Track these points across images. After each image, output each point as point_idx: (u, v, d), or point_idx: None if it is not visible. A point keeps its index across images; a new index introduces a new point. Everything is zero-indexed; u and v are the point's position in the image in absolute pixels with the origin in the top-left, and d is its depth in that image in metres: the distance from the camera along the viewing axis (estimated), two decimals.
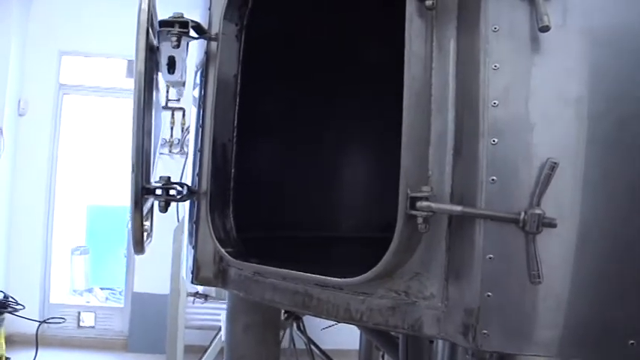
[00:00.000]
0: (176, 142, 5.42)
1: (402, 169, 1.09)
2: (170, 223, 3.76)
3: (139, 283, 5.50)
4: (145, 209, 1.72)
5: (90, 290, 6.88)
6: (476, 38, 1.11)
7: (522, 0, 1.08)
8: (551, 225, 1.01)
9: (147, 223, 1.90)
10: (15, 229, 5.64)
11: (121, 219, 5.81)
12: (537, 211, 1.02)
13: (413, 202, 1.07)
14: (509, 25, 1.09)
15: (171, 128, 5.44)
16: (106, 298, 6.62)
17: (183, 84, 2.21)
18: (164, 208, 1.53)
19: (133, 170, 1.52)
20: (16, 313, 4.38)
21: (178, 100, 5.23)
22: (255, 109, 1.67)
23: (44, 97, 5.81)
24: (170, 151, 5.39)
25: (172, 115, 5.42)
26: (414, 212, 1.07)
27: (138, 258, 5.36)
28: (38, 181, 5.74)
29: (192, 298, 4.42)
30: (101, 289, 6.87)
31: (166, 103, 5.20)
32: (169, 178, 1.53)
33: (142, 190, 1.49)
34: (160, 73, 1.92)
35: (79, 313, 5.78)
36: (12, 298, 4.58)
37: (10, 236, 5.62)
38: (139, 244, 1.53)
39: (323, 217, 1.82)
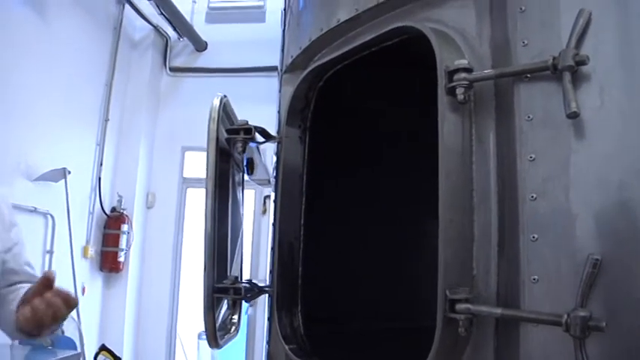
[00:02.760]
0: None
1: (440, 267, 1.06)
2: None
3: None
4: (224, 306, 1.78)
5: None
6: (511, 128, 1.08)
7: (557, 86, 1.04)
8: (598, 329, 0.93)
9: (235, 317, 1.96)
10: (143, 315, 5.96)
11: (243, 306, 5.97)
12: (582, 313, 0.93)
13: (452, 304, 1.04)
14: (542, 112, 1.05)
15: None
16: None
17: (269, 181, 2.30)
18: (232, 307, 1.58)
19: (204, 270, 1.59)
20: None
21: None
22: (324, 203, 1.70)
23: (169, 191, 6.21)
24: None
25: (264, 203, 5.63)
26: (453, 315, 1.03)
27: (258, 340, 5.46)
28: (164, 268, 6.07)
29: None
30: None
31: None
32: (237, 277, 1.58)
33: (212, 289, 1.55)
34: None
35: None
36: None
37: (139, 321, 5.93)
38: (212, 340, 1.57)
39: (401, 305, 1.78)
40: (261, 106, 1.73)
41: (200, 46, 6.31)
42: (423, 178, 1.59)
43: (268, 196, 5.61)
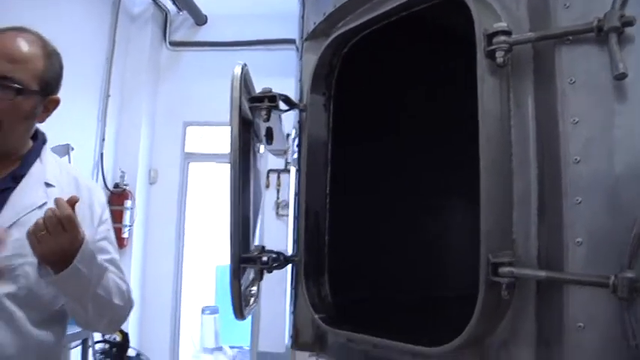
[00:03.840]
0: (283, 204, 5.58)
1: (482, 233, 1.06)
2: None
3: (263, 342, 5.60)
4: (249, 276, 1.78)
5: (220, 349, 7.10)
6: (552, 92, 1.07)
7: (599, 49, 1.03)
8: None
9: (254, 289, 1.96)
10: (147, 291, 5.98)
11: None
12: (630, 275, 0.94)
13: (495, 267, 1.04)
14: (585, 75, 1.04)
15: (277, 191, 5.63)
16: (235, 357, 6.79)
17: (285, 151, 2.29)
18: (259, 276, 1.58)
19: (231, 240, 1.58)
20: None
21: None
22: (349, 172, 1.69)
23: (171, 166, 6.20)
24: (278, 214, 5.56)
25: (278, 177, 5.63)
26: (496, 279, 1.03)
27: (263, 317, 5.49)
28: (168, 244, 6.08)
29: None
30: (230, 347, 7.07)
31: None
32: (263, 247, 1.57)
33: (239, 259, 1.54)
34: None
35: None
36: (144, 355, 4.86)
37: (144, 297, 5.96)
38: (238, 310, 1.57)
39: (427, 275, 1.78)
40: (264, 80, 1.70)
41: (200, 19, 6.25)
42: (449, 150, 1.58)
43: (272, 170, 5.61)
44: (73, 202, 1.38)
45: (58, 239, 1.35)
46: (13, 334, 1.45)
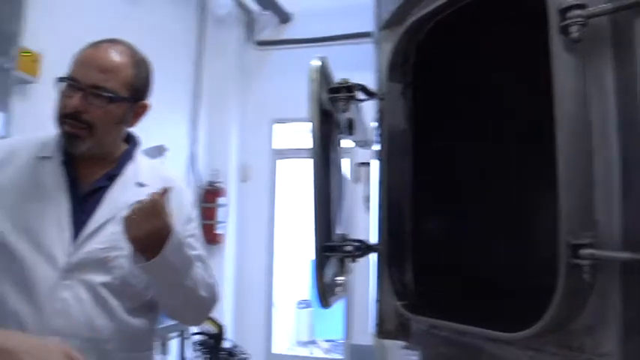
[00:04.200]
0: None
1: (561, 213, 1.03)
2: None
3: (356, 335, 5.64)
4: (334, 266, 1.81)
5: (314, 342, 7.21)
6: (633, 65, 1.03)
7: None
8: None
9: (341, 278, 1.99)
10: (242, 285, 6.16)
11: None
12: None
13: (575, 249, 1.01)
14: None
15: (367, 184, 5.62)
16: (328, 350, 6.87)
17: (367, 142, 2.30)
18: (340, 265, 1.60)
19: (314, 229, 1.62)
20: None
21: None
22: (432, 159, 1.69)
23: (261, 163, 6.35)
24: (368, 207, 5.56)
25: (357, 170, 5.61)
26: (576, 261, 1.01)
27: (355, 310, 5.52)
28: (260, 239, 6.24)
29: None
30: (324, 340, 7.15)
31: None
32: (345, 235, 1.60)
33: (322, 249, 1.57)
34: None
35: None
36: (239, 347, 5.02)
37: (238, 290, 6.14)
38: (323, 299, 1.61)
39: (515, 262, 1.74)
40: (351, 74, 1.72)
41: (284, 17, 6.36)
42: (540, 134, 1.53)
43: (363, 164, 5.62)
44: (164, 192, 1.48)
45: (148, 225, 1.46)
46: (108, 319, 1.58)
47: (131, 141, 1.83)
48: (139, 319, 1.67)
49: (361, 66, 2.84)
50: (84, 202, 1.64)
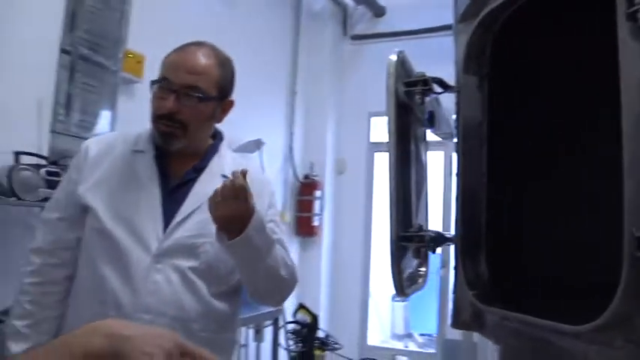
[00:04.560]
0: None
1: (625, 204, 1.02)
2: None
3: (450, 329, 5.60)
4: (413, 256, 1.85)
5: (410, 335, 7.19)
6: None
7: None
8: None
9: (423, 269, 2.02)
10: (337, 276, 6.25)
11: (435, 265, 6.02)
12: None
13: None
14: None
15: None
16: (423, 344, 6.84)
17: (451, 135, 2.31)
18: (416, 255, 1.63)
19: (390, 219, 1.66)
20: (335, 352, 4.89)
21: None
22: (507, 150, 1.68)
23: (358, 156, 6.40)
24: None
25: (452, 163, 5.56)
26: None
27: (450, 304, 5.48)
28: (356, 231, 6.30)
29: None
30: (420, 334, 7.12)
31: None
32: (421, 226, 1.63)
33: (398, 239, 1.61)
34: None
35: (394, 356, 6.10)
36: (332, 337, 5.11)
37: (334, 281, 6.23)
38: (399, 289, 1.65)
39: (583, 256, 1.71)
40: (446, 66, 1.75)
41: (378, 11, 6.36)
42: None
43: None
44: (244, 173, 1.57)
45: (232, 205, 1.55)
46: (195, 301, 1.70)
47: (216, 136, 1.94)
48: (223, 303, 1.78)
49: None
50: (174, 192, 1.77)
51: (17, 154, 2.87)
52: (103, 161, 1.79)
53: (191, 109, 1.72)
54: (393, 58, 1.67)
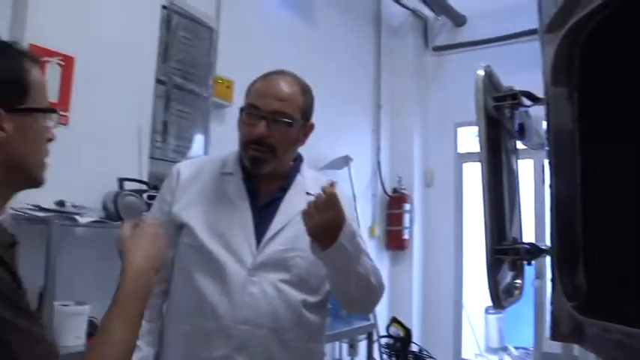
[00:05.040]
0: None
1: None
2: None
3: (547, 342, 5.44)
4: (508, 268, 1.85)
5: (505, 349, 7.02)
6: None
7: None
8: None
9: (518, 281, 2.02)
10: (429, 289, 6.22)
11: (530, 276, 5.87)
12: None
13: None
14: None
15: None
16: (519, 358, 6.67)
17: (542, 145, 2.29)
18: (511, 267, 1.64)
19: (485, 233, 1.67)
20: None
21: None
22: (602, 160, 1.66)
23: (445, 168, 6.36)
24: None
25: (543, 172, 5.38)
26: None
27: (547, 316, 5.32)
28: (447, 244, 6.25)
29: None
30: (516, 348, 6.96)
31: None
32: (516, 238, 1.63)
33: (493, 252, 1.62)
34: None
35: None
36: (426, 351, 5.07)
37: (426, 294, 6.20)
38: (495, 300, 1.65)
39: None
40: (529, 72, 1.75)
41: (459, 21, 6.34)
42: None
43: None
44: (333, 184, 1.67)
45: (324, 215, 1.64)
46: (289, 312, 1.81)
47: (297, 157, 2.06)
48: (313, 314, 1.88)
49: (539, 63, 2.80)
50: (262, 211, 1.88)
51: (121, 180, 3.07)
52: (194, 183, 1.94)
53: (280, 134, 1.84)
54: (480, 72, 1.69)
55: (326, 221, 1.65)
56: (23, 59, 1.13)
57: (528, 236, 2.11)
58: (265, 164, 1.86)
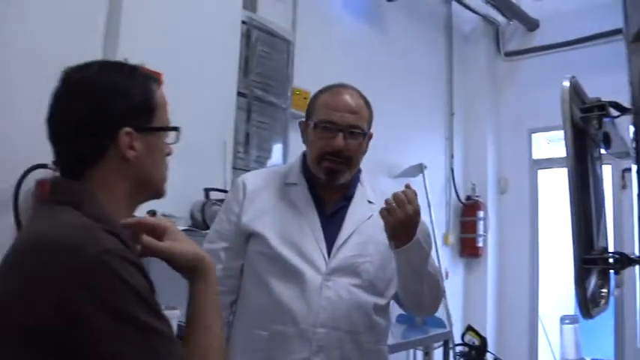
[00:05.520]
0: None
1: None
2: None
3: (628, 356, 5.28)
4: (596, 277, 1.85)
5: None
6: None
7: None
8: None
9: (604, 290, 2.01)
10: (504, 297, 6.14)
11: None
12: None
13: None
14: None
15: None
16: None
17: (627, 153, 2.28)
18: (600, 276, 1.64)
19: (573, 243, 1.68)
20: None
21: None
22: None
23: (520, 174, 6.27)
24: None
25: (622, 177, 5.23)
26: None
27: (627, 328, 5.17)
28: (522, 251, 6.15)
29: None
30: (592, 359, 6.74)
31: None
32: (605, 248, 1.63)
33: (582, 262, 1.63)
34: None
35: None
36: None
37: (500, 303, 6.13)
38: (584, 309, 1.66)
39: None
40: (605, 74, 1.76)
41: (531, 25, 6.26)
42: None
43: (627, 169, 5.26)
44: (409, 185, 1.78)
45: (404, 210, 1.72)
46: (362, 315, 1.90)
47: None
48: (381, 317, 1.96)
49: (613, 65, 2.76)
50: (329, 219, 1.96)
51: (207, 190, 3.20)
52: (260, 194, 2.02)
53: (355, 145, 1.94)
54: (566, 84, 1.70)
55: (406, 217, 1.72)
56: (149, 81, 1.23)
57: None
58: (341, 175, 1.95)
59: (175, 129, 1.28)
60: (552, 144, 6.34)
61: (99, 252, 0.98)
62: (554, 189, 6.52)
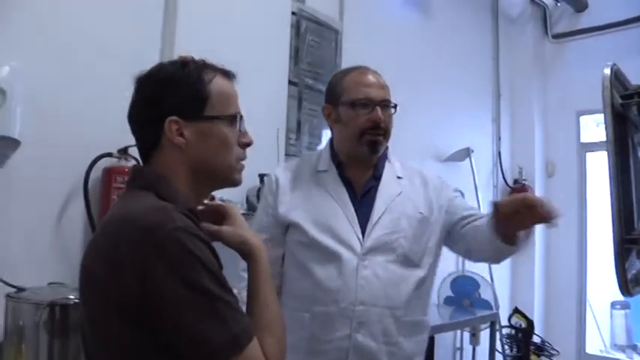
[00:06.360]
0: None
1: None
2: None
3: None
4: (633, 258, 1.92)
5: (634, 347, 6.73)
6: None
7: None
8: None
9: None
10: (551, 281, 6.14)
11: None
12: None
13: None
14: None
15: None
16: None
17: None
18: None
19: (612, 224, 1.77)
20: (552, 359, 4.92)
21: None
22: None
23: (568, 157, 6.24)
24: None
25: None
26: None
27: None
28: (570, 235, 6.12)
29: None
30: None
31: None
32: None
33: (622, 241, 1.71)
34: None
35: None
36: (548, 343, 5.05)
37: (548, 286, 6.13)
38: (623, 287, 1.74)
39: None
40: None
41: (580, 6, 6.18)
42: None
43: None
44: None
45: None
46: (399, 290, 2.00)
47: None
48: (419, 290, 2.03)
49: None
50: (361, 200, 2.07)
51: (261, 176, 3.34)
52: (292, 185, 2.15)
53: (389, 118, 2.09)
54: (607, 71, 1.77)
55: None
56: (203, 71, 1.30)
57: None
58: (381, 147, 2.08)
59: (230, 117, 1.31)
60: (601, 126, 6.24)
61: (172, 229, 1.10)
62: (603, 172, 6.45)
